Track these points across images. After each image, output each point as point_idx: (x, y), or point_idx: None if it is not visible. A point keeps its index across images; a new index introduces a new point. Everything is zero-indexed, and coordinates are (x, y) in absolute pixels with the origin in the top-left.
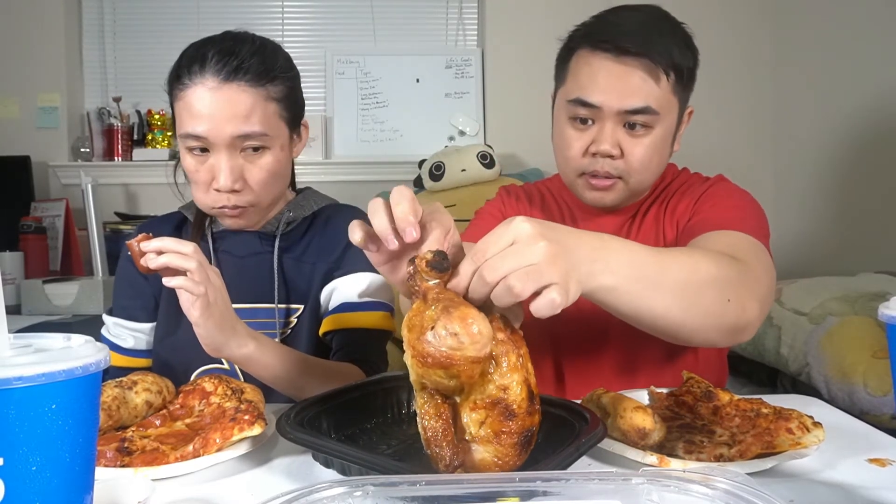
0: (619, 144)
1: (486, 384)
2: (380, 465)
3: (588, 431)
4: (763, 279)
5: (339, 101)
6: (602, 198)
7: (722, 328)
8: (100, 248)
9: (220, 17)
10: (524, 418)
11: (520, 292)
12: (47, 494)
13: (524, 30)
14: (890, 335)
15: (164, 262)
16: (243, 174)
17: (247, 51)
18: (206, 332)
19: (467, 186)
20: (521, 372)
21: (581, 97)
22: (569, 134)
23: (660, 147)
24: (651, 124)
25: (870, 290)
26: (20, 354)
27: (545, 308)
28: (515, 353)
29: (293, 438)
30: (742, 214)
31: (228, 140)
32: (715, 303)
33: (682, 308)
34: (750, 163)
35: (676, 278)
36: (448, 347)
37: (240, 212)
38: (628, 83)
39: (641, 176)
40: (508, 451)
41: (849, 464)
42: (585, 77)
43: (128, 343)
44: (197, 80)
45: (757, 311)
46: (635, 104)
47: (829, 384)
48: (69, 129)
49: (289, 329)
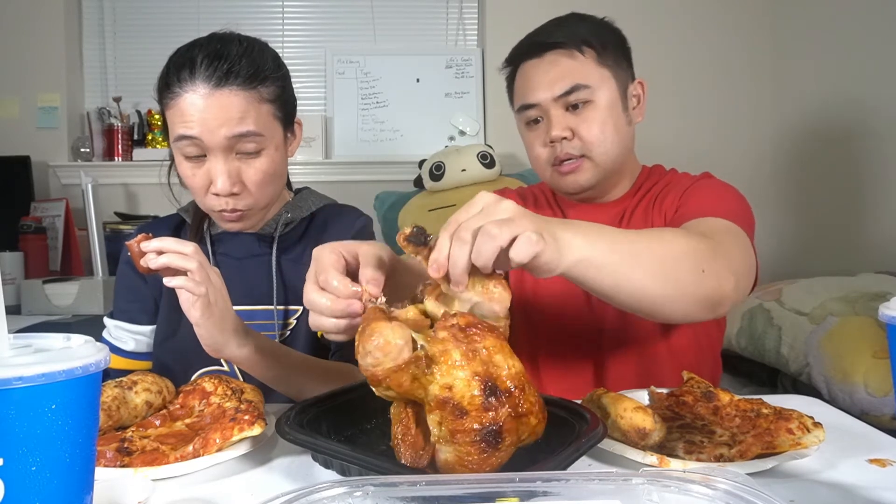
0: (569, 127)
1: (429, 385)
2: (379, 465)
3: (588, 431)
4: (736, 254)
5: (339, 101)
6: (576, 179)
7: (700, 299)
8: (100, 248)
9: (220, 17)
10: (479, 414)
11: (497, 235)
12: (47, 494)
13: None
14: (890, 335)
15: (165, 262)
16: (240, 177)
17: (235, 53)
18: (207, 332)
19: (467, 186)
20: (469, 367)
21: (524, 102)
22: (529, 137)
23: (609, 116)
24: (589, 98)
25: (870, 290)
26: (20, 354)
27: (524, 245)
28: (461, 350)
29: (292, 439)
30: (722, 204)
31: (224, 142)
32: (690, 273)
33: (660, 279)
34: (749, 162)
35: (651, 250)
36: (370, 365)
37: (238, 215)
38: (553, 71)
39: (602, 147)
40: (469, 450)
41: (849, 464)
42: (522, 85)
43: (129, 346)
44: (188, 88)
45: (732, 283)
46: (564, 86)
47: (829, 384)
48: (69, 129)
49: (287, 330)
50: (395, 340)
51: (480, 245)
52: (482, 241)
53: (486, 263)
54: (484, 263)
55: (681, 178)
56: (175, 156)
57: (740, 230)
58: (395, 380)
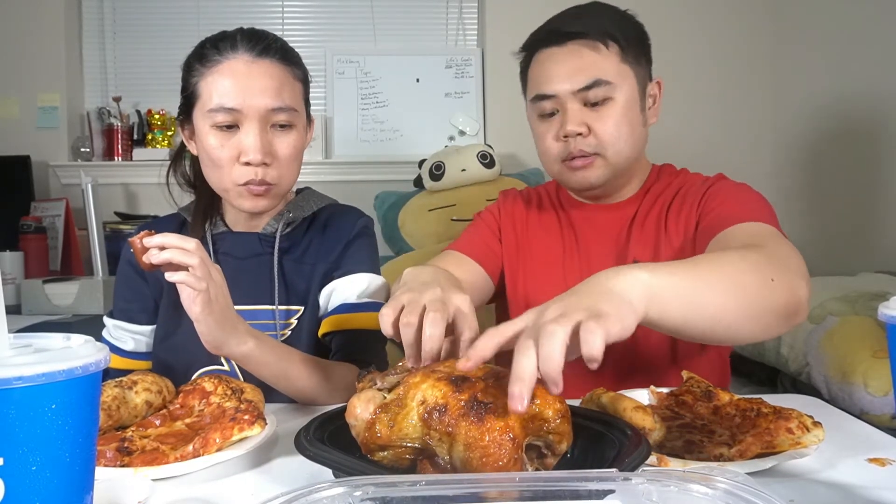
0: (585, 123)
1: (409, 416)
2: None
3: (632, 450)
4: (792, 257)
5: (339, 101)
6: (586, 177)
7: (777, 310)
8: (100, 247)
9: (220, 17)
10: (456, 397)
11: (556, 331)
12: (47, 494)
13: (524, 30)
14: (890, 335)
15: (167, 257)
16: (272, 147)
17: (271, 36)
18: (207, 329)
19: (467, 186)
20: (432, 377)
21: (539, 92)
22: (540, 129)
23: (626, 115)
24: (610, 95)
25: (870, 290)
26: (20, 354)
27: (589, 338)
28: (420, 373)
29: (312, 456)
30: (747, 207)
31: (262, 113)
32: (760, 285)
33: (732, 297)
34: (749, 162)
35: (713, 269)
36: (355, 436)
37: (265, 189)
38: (574, 63)
39: (616, 147)
40: (468, 431)
41: (849, 464)
42: (539, 74)
43: (128, 345)
44: (230, 56)
45: (805, 287)
46: (585, 80)
47: (829, 384)
48: (69, 128)
49: (289, 330)
50: (357, 403)
51: (546, 366)
52: (545, 361)
53: (557, 368)
54: (555, 368)
55: (694, 180)
56: (201, 128)
57: (776, 231)
58: (374, 434)
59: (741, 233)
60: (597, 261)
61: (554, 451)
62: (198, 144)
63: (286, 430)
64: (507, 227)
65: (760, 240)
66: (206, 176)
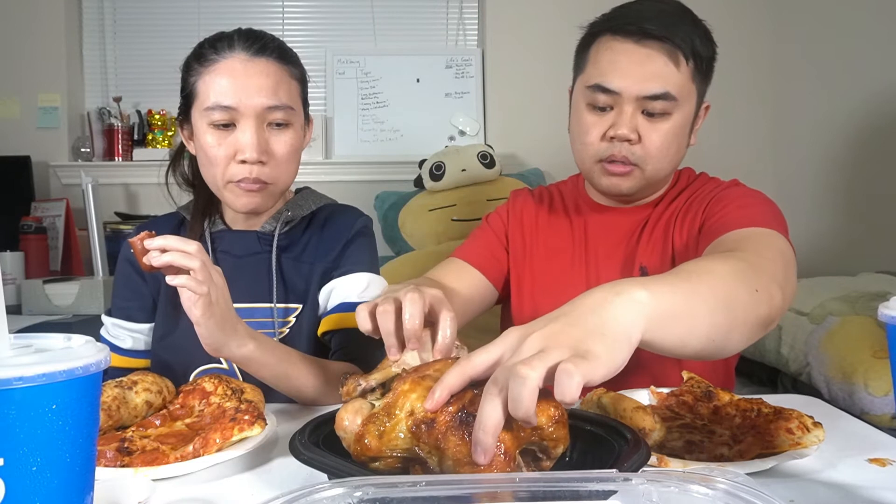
0: (637, 130)
1: (398, 427)
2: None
3: (631, 453)
4: (778, 261)
5: (339, 101)
6: (618, 184)
7: (758, 321)
8: (100, 248)
9: (220, 17)
10: (443, 410)
11: (528, 376)
12: (47, 494)
13: (524, 30)
14: (890, 335)
15: (168, 260)
16: (269, 146)
17: (268, 36)
18: (207, 332)
19: (467, 186)
20: (422, 385)
21: (601, 83)
22: (587, 120)
23: (677, 135)
24: (669, 111)
25: (870, 290)
26: (20, 354)
27: (564, 382)
28: (409, 380)
29: (306, 460)
30: (754, 212)
31: (258, 111)
32: (747, 295)
33: (723, 314)
34: (750, 163)
35: (709, 286)
36: (347, 448)
37: (259, 187)
38: (649, 68)
39: (658, 164)
40: (457, 446)
41: (849, 464)
42: (606, 62)
43: (126, 344)
44: (227, 55)
45: (780, 297)
46: (655, 89)
47: (829, 384)
48: (69, 129)
49: (287, 329)
50: (344, 415)
51: (517, 411)
52: (514, 386)
53: (527, 414)
54: (525, 415)
55: (707, 186)
56: (199, 127)
57: (772, 231)
58: (364, 446)
59: (733, 238)
60: (604, 265)
61: (549, 455)
62: (196, 143)
63: (286, 430)
64: (514, 230)
65: (745, 244)
66: (203, 174)
